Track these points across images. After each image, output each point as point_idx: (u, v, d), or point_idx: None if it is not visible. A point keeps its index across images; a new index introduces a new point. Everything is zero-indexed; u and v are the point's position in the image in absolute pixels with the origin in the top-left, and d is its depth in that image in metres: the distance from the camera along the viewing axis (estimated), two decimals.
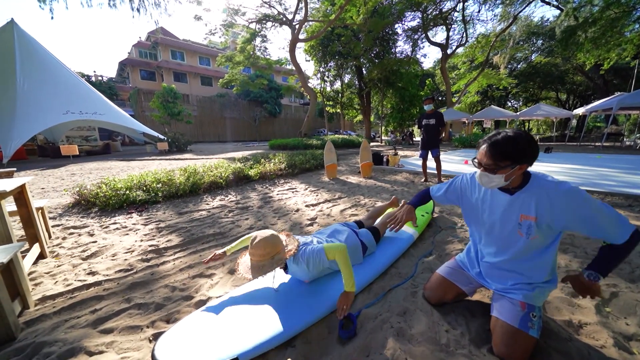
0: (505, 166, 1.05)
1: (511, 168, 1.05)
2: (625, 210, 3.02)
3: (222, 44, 18.73)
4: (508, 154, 1.04)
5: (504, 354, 1.11)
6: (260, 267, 1.32)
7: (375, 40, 16.43)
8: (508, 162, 1.04)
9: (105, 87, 22.27)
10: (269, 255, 1.34)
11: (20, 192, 2.07)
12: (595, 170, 5.55)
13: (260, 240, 1.34)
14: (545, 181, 1.10)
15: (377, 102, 20.95)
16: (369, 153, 5.88)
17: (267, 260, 1.33)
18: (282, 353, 1.21)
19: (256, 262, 1.34)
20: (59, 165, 8.88)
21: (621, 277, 1.70)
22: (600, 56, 13.13)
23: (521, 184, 1.14)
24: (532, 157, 1.05)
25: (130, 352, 1.25)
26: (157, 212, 3.48)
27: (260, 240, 1.33)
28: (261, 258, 1.33)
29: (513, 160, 1.04)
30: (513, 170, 1.06)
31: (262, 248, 1.33)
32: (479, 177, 1.16)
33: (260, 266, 1.32)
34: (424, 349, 1.20)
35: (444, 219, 2.87)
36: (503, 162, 1.05)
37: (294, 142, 13.32)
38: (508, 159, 1.04)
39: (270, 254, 1.34)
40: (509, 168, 1.05)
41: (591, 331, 1.28)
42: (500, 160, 1.05)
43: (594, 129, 20.75)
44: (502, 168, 1.06)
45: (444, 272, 1.50)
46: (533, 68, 22.07)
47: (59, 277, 1.91)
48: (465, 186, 1.37)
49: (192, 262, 2.10)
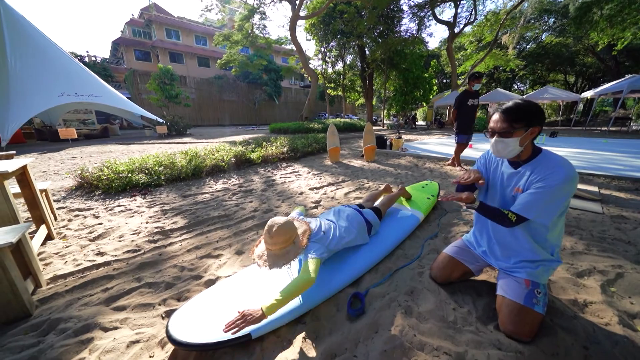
0: (520, 128, 1.09)
1: (524, 131, 1.09)
2: (632, 194, 3.00)
3: (219, 22, 17.87)
4: (521, 115, 1.09)
5: (511, 331, 1.13)
6: (280, 257, 1.26)
7: (380, 17, 15.67)
8: (522, 123, 1.09)
9: (100, 69, 21.57)
10: (287, 241, 1.28)
11: (23, 173, 2.05)
12: (601, 154, 5.48)
13: (279, 228, 1.26)
14: (552, 160, 1.11)
15: (379, 84, 20.38)
16: (372, 136, 5.78)
17: (286, 249, 1.28)
18: (292, 329, 1.24)
19: (273, 251, 1.28)
20: (58, 148, 8.81)
21: (627, 258, 1.71)
22: (614, 35, 12.56)
23: (530, 156, 1.16)
24: (542, 120, 1.10)
25: (144, 327, 1.28)
26: (160, 195, 3.48)
27: (279, 229, 1.26)
28: (281, 245, 1.27)
29: (526, 122, 1.09)
30: (526, 134, 1.10)
31: (282, 234, 1.26)
32: (493, 145, 1.18)
33: (280, 256, 1.27)
34: (432, 325, 1.22)
35: (449, 202, 2.86)
36: (517, 124, 1.10)
37: (295, 126, 13.10)
38: (522, 120, 1.09)
39: (288, 241, 1.28)
40: (523, 130, 1.09)
41: (596, 310, 1.30)
42: (515, 122, 1.10)
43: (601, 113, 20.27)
44: (516, 130, 1.10)
45: (451, 251, 1.52)
46: (543, 48, 21.17)
47: (69, 258, 1.93)
48: (489, 161, 1.38)
49: (199, 243, 2.11)
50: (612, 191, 3.13)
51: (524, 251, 1.24)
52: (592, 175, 3.71)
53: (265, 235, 1.28)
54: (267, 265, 1.28)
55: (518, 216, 1.12)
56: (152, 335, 1.22)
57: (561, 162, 1.08)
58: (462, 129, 4.32)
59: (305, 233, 1.41)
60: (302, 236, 1.40)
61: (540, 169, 1.11)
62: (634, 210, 2.50)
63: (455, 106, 4.27)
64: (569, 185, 1.05)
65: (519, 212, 1.12)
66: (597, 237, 2.00)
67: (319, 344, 1.16)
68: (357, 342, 1.16)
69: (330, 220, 1.73)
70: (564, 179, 1.04)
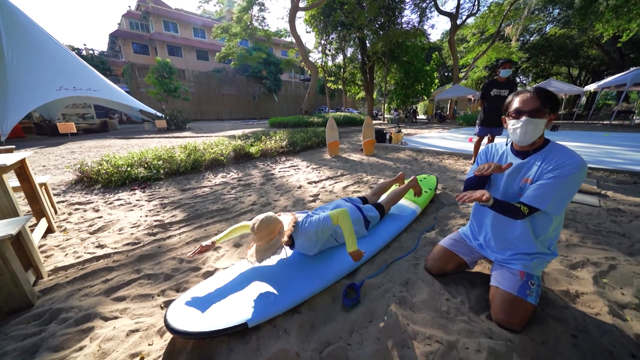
0: (547, 111, 1.10)
1: (550, 114, 1.11)
2: (630, 187, 3.00)
3: (217, 14, 17.56)
4: (550, 98, 1.10)
5: (503, 320, 1.15)
6: (267, 249, 1.34)
7: (381, 8, 15.40)
8: (549, 106, 1.10)
9: (98, 62, 21.36)
10: (272, 234, 1.36)
11: (21, 167, 2.06)
12: (602, 148, 5.46)
13: (261, 223, 1.35)
14: (562, 149, 1.12)
15: (380, 77, 20.15)
16: (372, 130, 5.76)
17: (273, 241, 1.36)
18: (288, 319, 1.27)
19: (262, 245, 1.36)
20: (58, 143, 8.80)
21: (620, 250, 1.72)
22: (619, 27, 12.32)
23: (541, 146, 1.17)
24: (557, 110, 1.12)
25: (144, 317, 1.31)
26: (159, 188, 3.49)
27: (260, 223, 1.35)
28: (267, 238, 1.35)
29: (551, 106, 1.10)
30: (548, 119, 1.11)
31: (265, 229, 1.34)
32: (523, 127, 1.12)
33: (266, 248, 1.34)
34: (425, 315, 1.25)
35: (446, 195, 2.87)
36: (548, 105, 1.10)
37: (294, 120, 13.04)
38: (550, 104, 1.10)
39: (273, 233, 1.37)
40: (549, 114, 1.10)
41: (587, 300, 1.32)
42: (547, 102, 1.10)
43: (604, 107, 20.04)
44: (544, 113, 1.10)
45: (446, 243, 1.53)
46: (546, 40, 20.82)
47: (69, 250, 1.96)
48: (491, 153, 1.37)
49: (198, 236, 2.14)
50: (610, 184, 3.13)
51: (522, 244, 1.24)
52: (591, 169, 3.70)
53: (252, 234, 1.36)
54: (254, 260, 1.35)
55: (530, 207, 1.09)
56: (151, 325, 1.25)
57: (573, 152, 1.09)
58: (481, 121, 3.98)
59: (291, 222, 1.46)
60: (288, 225, 1.45)
61: (552, 158, 1.10)
62: (630, 204, 2.51)
63: (480, 96, 3.99)
64: (582, 173, 1.05)
65: (532, 203, 1.09)
66: (593, 230, 2.01)
67: (314, 333, 1.18)
68: (351, 331, 1.19)
69: None
70: (578, 167, 1.04)
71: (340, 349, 1.09)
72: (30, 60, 10.01)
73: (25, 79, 9.62)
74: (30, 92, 9.55)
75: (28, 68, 9.84)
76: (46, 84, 10.08)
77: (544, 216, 1.16)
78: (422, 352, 1.06)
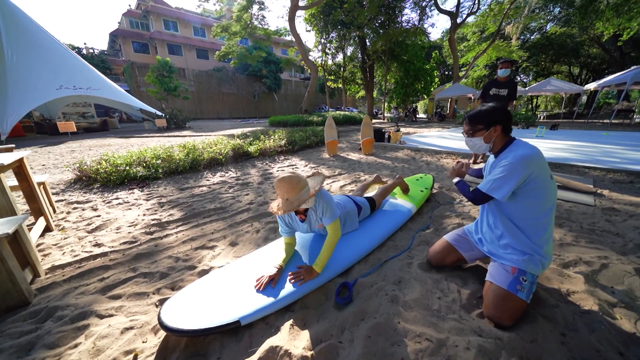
0: (480, 129, 1.31)
1: (486, 130, 1.29)
2: (626, 187, 3.01)
3: (217, 13, 17.53)
4: (479, 119, 1.31)
5: (493, 315, 1.17)
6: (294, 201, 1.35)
7: (381, 7, 15.35)
8: (481, 125, 1.30)
9: (98, 61, 21.40)
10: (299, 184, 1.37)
11: (20, 166, 2.07)
12: (600, 147, 5.45)
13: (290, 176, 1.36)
14: (517, 146, 1.26)
15: (380, 76, 20.11)
16: (370, 129, 5.76)
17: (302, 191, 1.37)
18: (281, 317, 1.28)
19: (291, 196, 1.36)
20: (58, 142, 8.82)
21: (613, 249, 1.73)
22: (620, 25, 12.28)
23: (503, 147, 1.31)
24: (502, 121, 1.27)
25: (139, 315, 1.33)
26: (158, 187, 3.51)
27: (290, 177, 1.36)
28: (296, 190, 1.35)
29: (485, 124, 1.29)
30: (489, 133, 1.29)
31: (296, 182, 1.35)
32: (466, 143, 1.42)
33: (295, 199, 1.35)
34: (416, 314, 1.26)
35: (442, 195, 2.88)
36: (477, 126, 1.31)
37: (294, 119, 13.02)
38: (481, 123, 1.30)
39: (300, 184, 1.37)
40: (484, 131, 1.30)
41: (578, 299, 1.33)
42: (474, 125, 1.32)
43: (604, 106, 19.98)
44: (478, 131, 1.31)
45: (450, 237, 1.59)
46: (547, 39, 20.76)
47: (67, 249, 1.98)
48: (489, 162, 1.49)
49: (195, 234, 2.15)
50: (606, 183, 3.14)
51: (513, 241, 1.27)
52: (588, 168, 3.71)
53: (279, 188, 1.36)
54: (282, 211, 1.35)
55: (475, 190, 1.32)
56: (145, 322, 1.27)
57: (522, 146, 1.24)
58: None
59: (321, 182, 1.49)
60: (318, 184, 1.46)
61: (504, 154, 1.28)
62: (625, 203, 2.51)
63: (480, 95, 4.10)
64: (523, 162, 1.17)
65: (479, 187, 1.30)
66: (587, 229, 2.02)
67: (306, 331, 1.19)
68: (343, 329, 1.20)
69: None
70: (519, 157, 1.18)
71: (331, 346, 1.11)
72: (31, 59, 10.03)
73: (25, 78, 9.64)
74: (30, 91, 9.58)
75: (28, 67, 9.86)
76: (46, 83, 10.10)
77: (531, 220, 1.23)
78: (412, 349, 1.08)
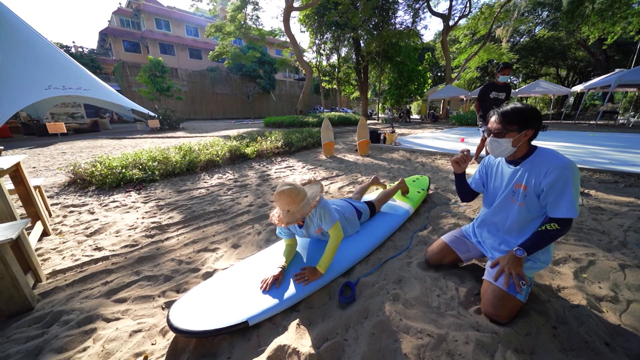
0: (512, 130, 1.20)
1: (517, 133, 1.19)
2: (611, 187, 3.15)
3: (211, 12, 17.38)
4: (514, 119, 1.19)
5: (491, 313, 1.23)
6: (296, 212, 1.36)
7: (375, 9, 15.50)
8: (515, 126, 1.19)
9: (87, 60, 20.93)
10: (299, 195, 1.38)
11: (16, 170, 2.05)
12: (587, 148, 5.66)
13: (290, 189, 1.37)
14: (549, 154, 1.20)
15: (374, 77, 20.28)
16: (366, 131, 5.84)
17: (302, 202, 1.38)
18: (287, 317, 1.32)
19: (293, 208, 1.37)
20: (47, 143, 8.62)
21: (600, 247, 1.83)
22: (605, 30, 12.75)
23: (525, 154, 1.25)
24: (536, 124, 1.19)
25: (146, 318, 1.34)
26: (155, 190, 3.49)
27: (290, 189, 1.36)
28: (296, 202, 1.37)
29: (519, 125, 1.18)
30: (519, 136, 1.19)
31: (295, 194, 1.36)
32: (488, 144, 1.28)
33: (296, 210, 1.37)
34: (417, 311, 1.31)
35: (438, 195, 2.96)
36: (511, 126, 1.20)
37: (289, 120, 13.03)
38: (515, 123, 1.19)
39: (300, 195, 1.38)
40: (516, 132, 1.19)
41: (568, 294, 1.41)
42: (508, 124, 1.20)
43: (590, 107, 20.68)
44: (509, 131, 1.20)
45: (447, 238, 1.64)
46: (536, 42, 21.35)
47: (66, 253, 1.96)
48: (489, 164, 1.49)
49: (196, 237, 2.16)
50: (593, 183, 3.28)
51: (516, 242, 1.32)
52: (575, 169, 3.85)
53: (279, 200, 1.36)
54: (284, 223, 1.37)
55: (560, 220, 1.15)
56: (153, 325, 1.28)
57: (557, 154, 1.18)
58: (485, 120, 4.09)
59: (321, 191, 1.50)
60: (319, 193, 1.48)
61: (539, 164, 1.19)
62: (610, 202, 2.64)
63: (478, 98, 4.19)
64: (574, 169, 1.12)
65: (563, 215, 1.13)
66: (575, 228, 2.12)
67: (312, 330, 1.23)
68: (347, 327, 1.25)
69: None
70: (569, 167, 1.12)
71: (337, 344, 1.15)
72: (18, 58, 9.76)
73: (12, 78, 9.37)
74: (18, 91, 9.31)
75: (15, 66, 9.58)
76: (34, 83, 9.84)
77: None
78: (414, 345, 1.13)
